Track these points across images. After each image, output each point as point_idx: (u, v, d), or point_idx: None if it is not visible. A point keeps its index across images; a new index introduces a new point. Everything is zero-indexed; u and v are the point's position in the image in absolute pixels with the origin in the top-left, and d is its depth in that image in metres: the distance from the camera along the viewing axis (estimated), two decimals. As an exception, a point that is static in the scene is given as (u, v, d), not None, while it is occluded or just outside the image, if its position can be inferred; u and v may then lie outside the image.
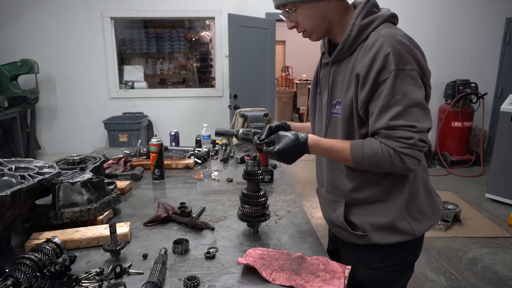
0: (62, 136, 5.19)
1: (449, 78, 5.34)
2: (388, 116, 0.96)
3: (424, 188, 1.15)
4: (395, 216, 1.08)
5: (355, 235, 1.13)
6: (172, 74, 6.91)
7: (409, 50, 0.96)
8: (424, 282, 2.59)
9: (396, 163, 0.97)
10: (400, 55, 0.95)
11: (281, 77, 10.68)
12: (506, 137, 3.86)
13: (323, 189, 1.24)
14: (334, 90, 1.11)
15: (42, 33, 4.88)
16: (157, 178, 1.83)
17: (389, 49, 0.95)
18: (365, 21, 1.03)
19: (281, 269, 0.99)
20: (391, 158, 0.97)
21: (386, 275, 1.15)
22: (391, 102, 0.96)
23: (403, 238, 1.10)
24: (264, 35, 4.83)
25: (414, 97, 0.95)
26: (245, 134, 1.61)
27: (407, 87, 0.95)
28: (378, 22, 1.03)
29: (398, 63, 0.94)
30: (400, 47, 0.95)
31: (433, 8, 5.21)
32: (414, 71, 0.96)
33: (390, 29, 1.00)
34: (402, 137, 0.95)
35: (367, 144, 1.01)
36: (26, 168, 1.24)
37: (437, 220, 1.18)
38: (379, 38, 0.97)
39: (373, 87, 0.98)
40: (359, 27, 1.02)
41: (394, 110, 0.96)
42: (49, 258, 0.93)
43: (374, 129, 1.00)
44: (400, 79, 0.95)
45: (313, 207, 3.89)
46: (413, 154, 0.96)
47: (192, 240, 1.19)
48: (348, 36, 1.04)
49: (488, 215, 3.67)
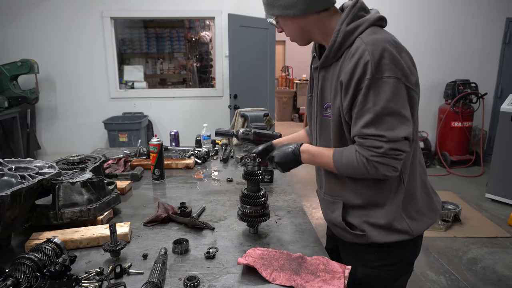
0: (62, 136, 5.19)
1: (449, 78, 5.34)
2: (360, 124, 0.99)
3: (422, 188, 1.15)
4: (393, 217, 1.09)
5: (354, 234, 1.14)
6: (172, 74, 6.91)
7: (391, 57, 0.95)
8: (424, 282, 2.59)
9: (370, 171, 1.00)
10: (379, 63, 0.94)
11: (281, 77, 10.68)
12: (506, 137, 3.86)
13: (321, 191, 1.25)
14: (324, 94, 1.13)
15: (42, 33, 4.88)
16: (157, 178, 1.83)
17: (368, 56, 0.95)
18: (350, 27, 1.02)
19: (281, 269, 0.99)
20: (365, 167, 1.00)
21: (385, 273, 1.15)
22: (363, 110, 0.98)
23: (402, 238, 1.10)
24: (264, 35, 4.83)
25: (389, 106, 0.95)
26: (245, 134, 1.61)
27: (382, 96, 0.95)
28: (363, 27, 1.02)
29: (375, 71, 0.94)
30: (380, 55, 0.95)
31: (433, 8, 5.21)
32: (392, 79, 0.94)
33: (374, 35, 0.99)
34: (372, 146, 0.98)
35: (345, 153, 1.05)
36: (26, 168, 1.24)
37: (435, 219, 1.18)
38: (361, 46, 0.97)
39: (353, 94, 0.99)
40: (344, 33, 1.02)
41: (365, 118, 0.97)
42: (49, 258, 0.93)
43: (351, 135, 1.04)
44: (374, 87, 0.95)
45: (313, 207, 3.89)
46: (386, 162, 0.97)
47: (192, 240, 1.19)
48: (334, 42, 1.04)
49: (488, 215, 3.67)
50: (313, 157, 1.15)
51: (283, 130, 3.29)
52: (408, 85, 0.97)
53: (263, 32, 4.80)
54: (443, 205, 3.54)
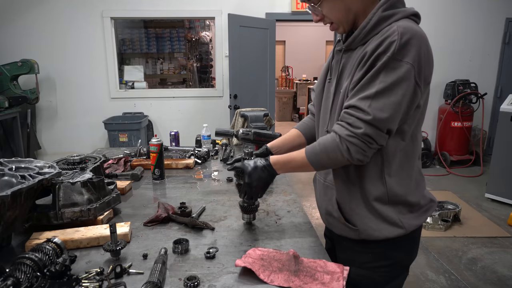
0: (62, 136, 5.19)
1: (449, 78, 5.34)
2: (360, 95, 0.98)
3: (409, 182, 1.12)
4: (380, 206, 1.08)
5: (346, 226, 1.13)
6: (172, 74, 6.92)
7: (417, 47, 0.95)
8: (424, 282, 2.59)
9: (343, 152, 1.00)
10: (405, 46, 0.94)
11: (281, 77, 10.69)
12: (506, 137, 3.87)
13: (320, 176, 1.25)
14: (342, 77, 1.11)
15: (42, 33, 4.89)
16: (157, 178, 1.83)
17: (396, 36, 0.94)
18: (386, 13, 1.02)
19: (280, 270, 0.99)
20: (338, 148, 1.00)
21: (378, 275, 1.15)
22: (370, 85, 0.97)
23: (394, 232, 1.09)
24: (264, 35, 4.83)
25: (393, 88, 0.95)
26: (245, 134, 1.62)
27: (392, 76, 0.95)
28: (399, 16, 1.01)
29: (397, 52, 0.94)
30: (408, 40, 0.94)
31: (433, 8, 5.22)
32: (409, 65, 0.94)
33: (411, 24, 0.99)
34: (352, 125, 0.98)
35: (318, 143, 1.06)
36: (27, 168, 1.24)
37: (428, 215, 1.16)
38: (394, 27, 0.97)
39: (368, 68, 0.98)
40: (379, 17, 1.02)
41: (367, 92, 0.97)
42: (50, 258, 0.93)
43: (344, 105, 1.03)
44: (389, 67, 0.95)
45: (313, 207, 3.89)
46: (358, 144, 0.98)
47: (192, 240, 1.19)
48: (366, 24, 1.03)
49: (488, 215, 3.67)
50: (285, 164, 1.13)
51: (283, 130, 3.28)
52: (417, 81, 0.97)
53: (263, 32, 4.81)
54: (442, 205, 3.54)
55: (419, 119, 1.08)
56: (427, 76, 1.00)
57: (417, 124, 1.08)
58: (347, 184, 1.12)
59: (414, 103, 1.01)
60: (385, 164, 1.07)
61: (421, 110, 1.07)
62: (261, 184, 1.15)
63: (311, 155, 1.08)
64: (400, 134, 1.05)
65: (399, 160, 1.08)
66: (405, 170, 1.10)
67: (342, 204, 1.15)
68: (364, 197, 1.10)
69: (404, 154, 1.08)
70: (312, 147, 1.08)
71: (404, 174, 1.09)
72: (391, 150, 1.06)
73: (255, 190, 1.16)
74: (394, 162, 1.07)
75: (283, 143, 1.38)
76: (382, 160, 1.06)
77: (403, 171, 1.09)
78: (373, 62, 0.97)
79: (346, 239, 1.17)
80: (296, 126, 1.44)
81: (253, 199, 1.21)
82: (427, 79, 1.01)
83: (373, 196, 1.08)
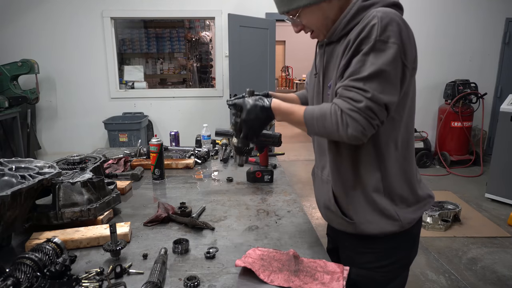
0: (62, 136, 5.19)
1: (449, 78, 5.34)
2: (352, 78, 0.97)
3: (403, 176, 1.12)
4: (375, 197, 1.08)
5: (343, 219, 1.13)
6: (172, 74, 6.92)
7: (399, 27, 0.94)
8: (424, 282, 2.59)
9: (341, 126, 0.96)
10: (386, 28, 0.94)
11: (281, 77, 10.69)
12: (506, 137, 3.87)
13: (318, 169, 1.25)
14: (328, 71, 1.11)
15: (42, 33, 4.89)
16: (157, 178, 1.83)
17: (376, 20, 0.94)
18: (366, 2, 1.02)
19: (280, 270, 0.99)
20: (337, 120, 0.97)
21: (379, 275, 1.15)
22: (360, 69, 0.96)
23: (392, 227, 1.09)
24: (264, 35, 4.83)
25: (385, 69, 0.94)
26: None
27: (382, 58, 0.94)
28: (378, 5, 1.01)
29: (380, 34, 0.93)
30: (389, 21, 0.94)
31: (433, 8, 5.22)
32: (396, 45, 0.94)
33: (387, 9, 0.98)
34: (353, 99, 0.95)
35: (319, 107, 1.04)
36: (27, 168, 1.25)
37: (424, 209, 1.16)
38: (373, 12, 0.97)
39: (352, 54, 0.98)
40: (358, 7, 1.02)
41: (359, 75, 0.95)
42: (50, 258, 0.93)
43: (336, 87, 1.01)
44: (377, 49, 0.94)
45: (313, 207, 3.89)
46: (359, 119, 0.94)
47: (192, 240, 1.19)
48: (346, 14, 1.04)
49: (488, 215, 3.67)
50: (283, 113, 1.12)
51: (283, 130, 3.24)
52: (404, 61, 0.97)
53: (263, 32, 4.81)
54: (442, 205, 3.54)
55: (410, 107, 1.07)
56: (411, 59, 0.99)
57: (408, 114, 1.08)
58: (343, 177, 1.12)
59: (404, 86, 1.00)
60: (378, 154, 1.06)
61: (411, 98, 1.07)
62: (257, 123, 1.13)
63: (308, 117, 1.05)
64: (391, 122, 1.04)
65: (392, 150, 1.07)
66: (399, 161, 1.09)
67: (339, 198, 1.15)
68: (360, 188, 1.10)
69: (395, 144, 1.07)
70: (311, 110, 1.05)
71: (398, 165, 1.09)
72: (383, 139, 1.05)
73: (251, 129, 1.14)
74: (388, 152, 1.07)
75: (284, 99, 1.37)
76: (375, 150, 1.06)
77: (397, 162, 1.09)
78: (358, 47, 0.97)
79: (346, 236, 1.17)
80: (296, 93, 1.45)
81: (247, 139, 1.18)
82: (412, 63, 1.00)
83: (369, 187, 1.08)
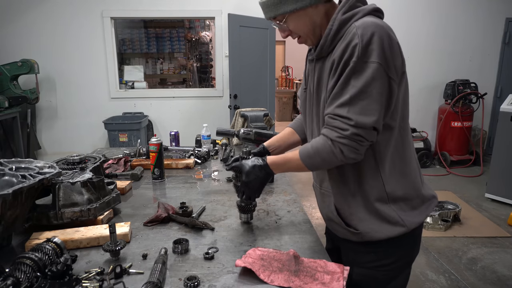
0: (62, 136, 5.19)
1: (449, 78, 5.34)
2: (336, 103, 1.00)
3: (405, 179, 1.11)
4: (378, 206, 1.08)
5: (348, 230, 1.13)
6: (172, 74, 6.91)
7: (380, 42, 0.95)
8: (424, 282, 2.59)
9: (337, 153, 1.01)
10: (367, 47, 0.95)
11: (281, 77, 10.69)
12: (506, 137, 3.87)
13: (317, 184, 1.26)
14: (320, 86, 1.12)
15: (42, 33, 4.88)
16: (157, 178, 1.83)
17: (357, 39, 0.95)
18: (345, 15, 1.02)
19: (280, 271, 0.99)
20: (331, 149, 1.01)
21: (381, 274, 1.15)
22: (342, 92, 0.99)
23: (396, 231, 1.09)
24: (264, 35, 4.83)
25: (366, 90, 0.96)
26: (246, 134, 1.63)
27: (362, 78, 0.96)
28: (359, 16, 1.02)
29: (362, 55, 0.95)
30: (369, 39, 0.95)
31: (433, 8, 5.21)
32: (376, 64, 0.95)
33: (366, 18, 0.99)
34: (339, 128, 0.99)
35: (311, 145, 1.07)
36: (27, 168, 1.25)
37: (428, 213, 1.16)
38: (353, 29, 0.98)
39: (339, 75, 1.00)
40: (339, 22, 1.02)
41: (342, 99, 0.98)
42: (49, 258, 0.93)
43: (324, 114, 1.05)
44: (357, 70, 0.96)
45: (313, 207, 3.89)
46: (350, 144, 0.99)
47: (192, 240, 1.19)
48: (329, 31, 1.04)
49: (488, 215, 3.68)
50: (281, 165, 1.16)
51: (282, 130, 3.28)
52: (389, 75, 0.97)
53: (263, 32, 4.80)
54: (442, 205, 3.54)
55: (403, 110, 1.08)
56: (398, 66, 1.00)
57: (402, 117, 1.08)
58: (343, 189, 1.12)
59: (393, 98, 1.01)
60: (379, 163, 1.07)
61: (403, 101, 1.07)
62: (258, 183, 1.17)
63: (305, 158, 1.09)
64: (388, 130, 1.05)
65: (392, 156, 1.08)
66: (400, 166, 1.10)
67: (341, 210, 1.15)
68: (363, 199, 1.10)
69: (396, 149, 1.08)
70: (305, 150, 1.09)
71: (399, 170, 1.10)
72: (382, 147, 1.06)
73: (252, 189, 1.18)
74: (387, 159, 1.07)
75: (280, 142, 1.40)
76: (375, 159, 1.07)
77: (398, 167, 1.09)
78: (343, 69, 0.99)
79: (349, 241, 1.17)
80: (290, 124, 1.47)
81: (251, 199, 1.23)
82: (399, 70, 1.01)
83: (372, 197, 1.08)
